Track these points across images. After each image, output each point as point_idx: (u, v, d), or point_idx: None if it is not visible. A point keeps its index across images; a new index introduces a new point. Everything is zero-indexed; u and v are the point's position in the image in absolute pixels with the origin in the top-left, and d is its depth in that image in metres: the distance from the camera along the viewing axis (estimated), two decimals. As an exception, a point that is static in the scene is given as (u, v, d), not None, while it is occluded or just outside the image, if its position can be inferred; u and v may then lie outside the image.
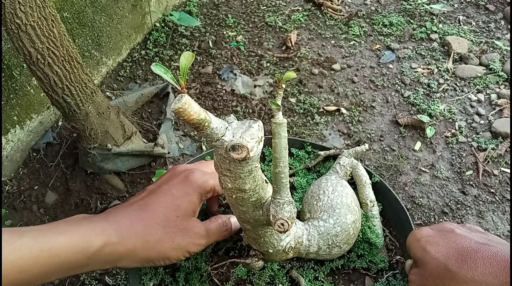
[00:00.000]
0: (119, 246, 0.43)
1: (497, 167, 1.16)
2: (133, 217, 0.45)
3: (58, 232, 0.40)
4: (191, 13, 1.65)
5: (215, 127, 0.38)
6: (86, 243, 0.40)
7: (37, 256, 0.37)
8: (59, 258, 0.38)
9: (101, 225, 0.42)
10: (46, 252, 0.37)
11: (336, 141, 1.23)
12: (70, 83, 0.86)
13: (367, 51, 1.53)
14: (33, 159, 1.15)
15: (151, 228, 0.45)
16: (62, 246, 0.39)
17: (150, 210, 0.46)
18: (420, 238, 0.50)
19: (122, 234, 0.43)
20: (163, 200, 0.47)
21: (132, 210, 0.46)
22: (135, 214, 0.45)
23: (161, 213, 0.46)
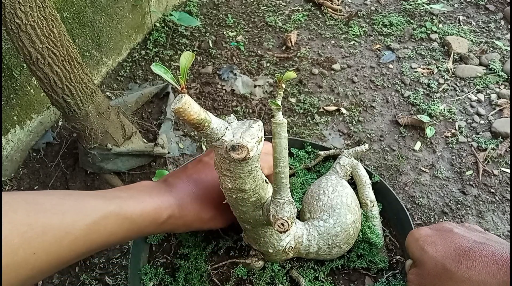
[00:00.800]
0: (180, 220, 0.49)
1: (497, 167, 1.16)
2: (192, 195, 0.50)
3: (137, 202, 0.45)
4: (191, 13, 1.65)
5: (215, 127, 0.38)
6: (157, 214, 0.46)
7: (122, 223, 0.42)
8: (136, 225, 0.44)
9: (168, 199, 0.48)
10: (128, 220, 0.43)
11: (336, 141, 1.23)
12: (70, 83, 0.86)
13: (367, 51, 1.53)
14: (33, 159, 1.15)
15: (206, 208, 0.51)
16: (140, 215, 0.44)
17: (205, 189, 0.51)
18: (418, 238, 0.50)
19: (184, 210, 0.49)
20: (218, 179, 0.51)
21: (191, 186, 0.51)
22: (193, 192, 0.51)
23: (215, 194, 0.51)
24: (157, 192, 0.48)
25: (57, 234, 0.37)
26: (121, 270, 0.95)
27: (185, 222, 0.50)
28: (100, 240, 0.41)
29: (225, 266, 0.58)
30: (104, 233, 0.41)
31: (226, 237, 0.63)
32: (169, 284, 0.58)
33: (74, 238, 0.38)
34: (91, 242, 0.40)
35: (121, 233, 0.42)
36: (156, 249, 0.64)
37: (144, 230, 0.45)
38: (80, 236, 0.38)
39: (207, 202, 0.51)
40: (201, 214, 0.51)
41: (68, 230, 0.38)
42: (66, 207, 0.39)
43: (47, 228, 0.36)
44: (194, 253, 0.60)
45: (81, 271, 0.95)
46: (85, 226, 0.39)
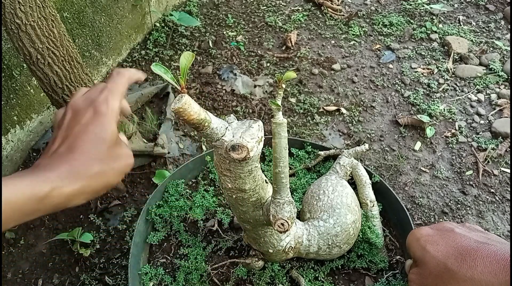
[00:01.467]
0: (66, 188, 0.46)
1: (497, 167, 1.16)
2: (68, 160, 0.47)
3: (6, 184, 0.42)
4: (191, 13, 1.65)
5: (215, 127, 0.38)
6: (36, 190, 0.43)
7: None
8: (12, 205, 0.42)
9: (43, 174, 0.45)
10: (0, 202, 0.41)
11: (336, 141, 1.23)
12: (70, 83, 0.86)
13: (367, 51, 1.53)
14: (33, 159, 1.15)
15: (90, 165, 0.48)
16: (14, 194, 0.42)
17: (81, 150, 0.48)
18: (419, 238, 0.50)
19: (66, 177, 0.46)
20: (87, 138, 0.49)
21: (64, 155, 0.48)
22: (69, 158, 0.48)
23: (92, 149, 0.49)
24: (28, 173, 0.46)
25: None
26: (121, 270, 0.95)
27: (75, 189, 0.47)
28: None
29: (225, 266, 0.58)
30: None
31: (226, 237, 0.63)
32: (169, 284, 0.58)
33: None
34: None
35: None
36: (156, 249, 0.64)
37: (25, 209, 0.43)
38: None
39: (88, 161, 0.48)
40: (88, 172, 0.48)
41: None
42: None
43: None
44: (194, 253, 0.60)
45: (81, 271, 0.95)
46: None
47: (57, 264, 0.97)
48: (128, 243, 0.99)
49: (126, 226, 1.02)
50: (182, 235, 0.63)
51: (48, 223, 1.03)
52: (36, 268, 0.97)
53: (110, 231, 1.01)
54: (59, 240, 0.99)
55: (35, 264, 0.97)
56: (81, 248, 0.95)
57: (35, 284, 0.94)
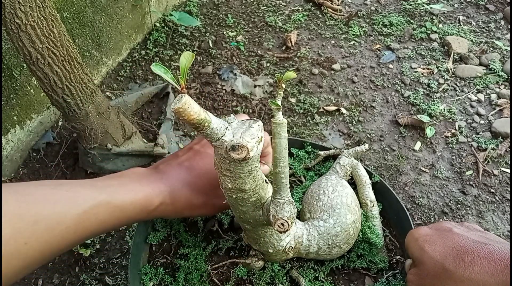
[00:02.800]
0: (170, 206, 0.49)
1: (497, 167, 1.16)
2: (183, 181, 0.51)
3: (127, 190, 0.45)
4: (191, 13, 1.65)
5: (215, 127, 0.38)
6: (148, 202, 0.47)
7: (113, 211, 0.43)
8: (127, 213, 0.45)
9: (158, 187, 0.48)
10: (119, 208, 0.44)
11: (336, 141, 1.23)
12: (70, 83, 0.86)
13: (367, 51, 1.53)
14: (33, 159, 1.15)
15: (197, 194, 0.51)
16: (130, 204, 0.45)
17: (197, 176, 0.52)
18: (417, 238, 0.50)
19: (175, 197, 0.49)
20: (209, 166, 0.52)
21: (182, 173, 0.51)
22: (185, 178, 0.51)
23: (206, 180, 0.52)
24: (147, 180, 0.49)
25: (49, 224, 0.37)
26: (121, 270, 0.95)
27: (176, 208, 0.50)
28: (91, 228, 0.41)
29: (225, 266, 0.58)
30: (95, 221, 0.41)
31: (226, 237, 0.63)
32: (169, 284, 0.58)
33: (66, 227, 0.39)
34: (82, 230, 0.41)
35: (111, 221, 0.43)
36: (156, 249, 0.64)
37: (134, 217, 0.46)
38: (72, 225, 0.39)
39: (198, 189, 0.51)
40: (192, 201, 0.51)
41: (59, 220, 0.38)
42: (57, 197, 0.39)
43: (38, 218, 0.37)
44: (194, 253, 0.60)
45: (81, 271, 0.95)
46: (76, 215, 0.40)
47: (57, 264, 0.97)
48: (128, 243, 0.99)
49: (126, 226, 1.02)
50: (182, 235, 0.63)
51: (48, 223, 1.03)
52: (36, 268, 0.97)
53: (110, 231, 1.01)
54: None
55: (35, 264, 0.98)
56: (81, 248, 0.95)
57: (35, 284, 0.94)
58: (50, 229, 0.38)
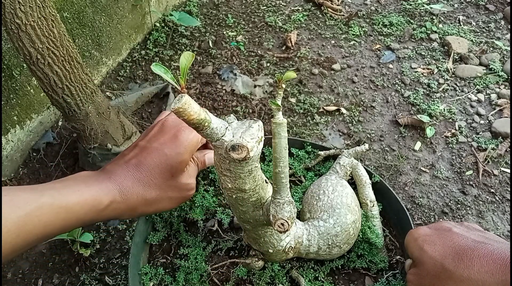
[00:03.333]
0: (122, 204, 0.49)
1: (497, 167, 1.16)
2: (133, 178, 0.50)
3: (72, 191, 0.45)
4: (191, 13, 1.65)
5: (215, 127, 0.38)
6: (96, 201, 0.46)
7: (58, 212, 0.42)
8: (74, 213, 0.44)
9: (107, 186, 0.48)
10: (64, 209, 0.43)
11: (336, 141, 1.23)
12: (70, 83, 0.86)
13: (367, 51, 1.53)
14: (33, 159, 1.15)
15: (149, 189, 0.51)
16: (77, 203, 0.44)
17: (146, 171, 0.51)
18: (417, 238, 0.50)
19: (125, 194, 0.49)
20: (157, 160, 0.51)
21: (131, 170, 0.50)
22: (134, 175, 0.50)
23: (157, 174, 0.51)
24: (94, 180, 0.48)
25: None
26: (121, 270, 0.95)
27: (129, 205, 0.49)
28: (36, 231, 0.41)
29: (225, 266, 0.58)
30: (39, 224, 0.41)
31: (226, 237, 0.63)
32: (169, 284, 0.58)
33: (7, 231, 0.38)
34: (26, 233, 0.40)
35: (58, 222, 0.43)
36: (156, 249, 0.64)
37: (83, 218, 0.45)
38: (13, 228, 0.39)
39: (149, 184, 0.51)
40: (145, 196, 0.51)
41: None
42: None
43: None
44: (194, 253, 0.60)
45: (81, 271, 0.96)
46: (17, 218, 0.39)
47: (57, 264, 0.97)
48: (128, 243, 0.99)
49: (126, 226, 1.02)
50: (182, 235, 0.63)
51: (48, 223, 1.03)
52: (36, 268, 0.97)
53: (110, 231, 1.01)
54: (59, 240, 0.99)
55: (35, 264, 0.97)
56: (81, 248, 0.95)
57: (35, 284, 0.94)
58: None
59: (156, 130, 0.54)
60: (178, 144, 0.52)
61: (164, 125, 0.54)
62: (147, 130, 0.56)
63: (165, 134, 0.53)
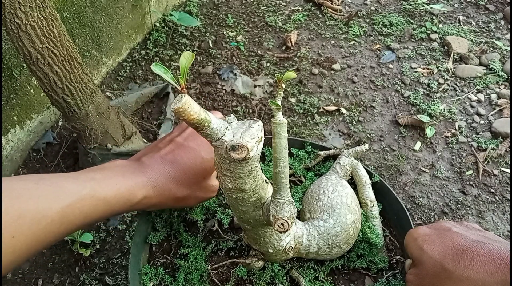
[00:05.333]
0: (154, 199, 0.50)
1: (497, 167, 1.16)
2: (167, 175, 0.51)
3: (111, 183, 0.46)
4: (191, 13, 1.65)
5: (215, 127, 0.38)
6: (131, 195, 0.47)
7: (97, 204, 0.44)
8: (111, 206, 0.46)
9: (142, 180, 0.49)
10: (102, 201, 0.44)
11: (336, 141, 1.23)
12: (70, 83, 0.86)
13: (367, 51, 1.53)
14: (33, 159, 1.15)
15: (181, 187, 0.52)
16: (114, 196, 0.46)
17: (181, 170, 0.52)
18: (417, 238, 0.50)
19: (158, 190, 0.50)
20: (193, 161, 0.53)
21: (166, 167, 0.52)
22: (169, 172, 0.51)
23: (191, 175, 0.53)
24: (131, 173, 0.49)
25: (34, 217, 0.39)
26: (121, 270, 0.95)
27: (160, 201, 0.51)
28: (76, 221, 0.43)
29: (225, 266, 0.58)
30: (80, 214, 0.43)
31: (226, 237, 0.63)
32: (169, 284, 0.58)
33: (51, 221, 0.40)
34: (67, 223, 0.42)
35: (96, 214, 0.44)
36: (156, 249, 0.64)
37: (118, 210, 0.47)
38: (56, 218, 0.40)
39: (182, 183, 0.52)
40: (176, 194, 0.52)
41: (44, 213, 0.39)
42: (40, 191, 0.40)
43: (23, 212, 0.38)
44: (194, 253, 0.60)
45: (81, 271, 0.96)
46: (61, 208, 0.41)
47: (57, 264, 0.97)
48: (128, 243, 0.99)
49: (126, 226, 1.02)
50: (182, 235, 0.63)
51: (48, 223, 1.03)
52: (36, 268, 0.97)
53: (110, 231, 1.01)
54: (59, 240, 0.99)
55: (35, 264, 0.98)
56: (81, 248, 0.95)
57: (35, 284, 0.95)
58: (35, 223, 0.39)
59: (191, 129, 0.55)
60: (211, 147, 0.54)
61: None
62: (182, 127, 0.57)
63: None
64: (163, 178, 0.51)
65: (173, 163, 0.52)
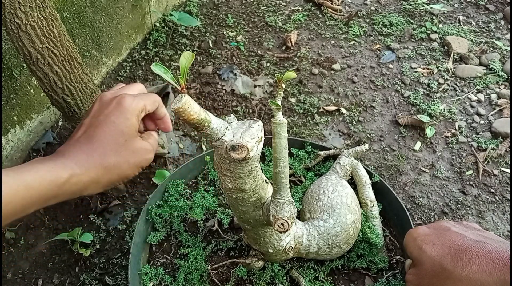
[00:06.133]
0: (83, 177, 0.48)
1: (497, 167, 1.16)
2: (87, 150, 0.50)
3: (29, 169, 0.45)
4: (191, 13, 1.65)
5: (215, 127, 0.38)
6: (54, 176, 0.45)
7: (17, 190, 0.42)
8: (34, 190, 0.44)
9: (62, 162, 0.47)
10: (23, 186, 0.42)
11: (336, 141, 1.23)
12: (70, 83, 0.86)
13: (367, 51, 1.53)
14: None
15: (106, 156, 0.51)
16: (35, 180, 0.44)
17: (98, 141, 0.51)
18: (416, 237, 0.50)
19: (84, 165, 0.48)
20: (107, 129, 0.52)
21: (83, 144, 0.51)
22: (88, 147, 0.50)
23: (110, 141, 0.51)
24: (49, 159, 0.48)
25: None
26: (121, 270, 0.95)
27: (91, 177, 0.49)
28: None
29: (225, 266, 0.58)
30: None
31: (226, 237, 0.63)
32: (169, 284, 0.58)
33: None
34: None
35: (18, 200, 0.42)
36: (156, 249, 0.64)
37: (45, 194, 0.45)
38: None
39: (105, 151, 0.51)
40: (103, 163, 0.50)
41: None
42: None
43: None
44: (194, 253, 0.60)
45: (81, 271, 0.96)
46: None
47: (57, 264, 0.97)
48: (128, 243, 0.99)
49: (126, 226, 1.02)
50: (182, 235, 0.63)
51: (48, 223, 1.03)
52: (36, 268, 0.97)
53: (110, 231, 1.01)
54: (59, 240, 0.99)
55: (35, 264, 0.98)
56: (81, 248, 0.95)
57: (35, 284, 0.95)
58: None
59: (97, 105, 0.55)
60: (123, 110, 0.53)
61: (103, 99, 0.56)
62: (88, 110, 0.57)
63: (107, 105, 0.54)
64: (83, 154, 0.50)
65: (88, 139, 0.51)
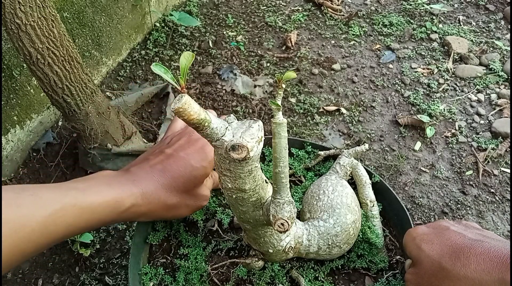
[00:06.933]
0: (143, 208, 0.49)
1: (497, 167, 1.16)
2: (157, 183, 0.51)
3: (94, 192, 0.45)
4: (191, 13, 1.65)
5: (215, 127, 0.38)
6: (118, 203, 0.46)
7: (80, 213, 0.43)
8: (96, 214, 0.44)
9: (129, 188, 0.48)
10: (87, 210, 0.43)
11: (336, 141, 1.23)
12: (70, 83, 0.86)
13: (367, 51, 1.53)
14: (33, 159, 1.15)
15: (171, 195, 0.52)
16: (99, 205, 0.44)
17: (171, 178, 0.52)
18: (415, 237, 0.50)
19: (147, 198, 0.49)
20: (183, 169, 0.52)
21: (156, 175, 0.51)
22: (158, 180, 0.51)
23: (181, 183, 0.52)
24: (117, 182, 0.48)
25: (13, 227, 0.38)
26: (121, 270, 0.95)
27: (150, 210, 0.50)
28: (59, 230, 0.42)
29: (225, 266, 0.58)
30: (62, 224, 0.42)
31: (226, 237, 0.63)
32: (169, 284, 0.58)
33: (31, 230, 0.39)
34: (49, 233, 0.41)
35: (81, 223, 0.43)
36: (156, 249, 0.64)
37: (105, 219, 0.46)
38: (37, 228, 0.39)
39: (172, 190, 0.52)
40: (167, 202, 0.51)
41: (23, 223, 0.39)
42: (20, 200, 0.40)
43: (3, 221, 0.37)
44: (194, 253, 0.60)
45: (81, 271, 0.96)
46: (42, 218, 0.40)
47: (57, 264, 0.97)
48: (128, 243, 0.99)
49: (126, 226, 1.02)
50: (182, 235, 0.63)
51: (48, 223, 1.03)
52: (36, 268, 0.97)
53: (110, 231, 1.01)
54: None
55: (35, 264, 0.98)
56: (81, 248, 0.95)
57: (35, 284, 0.95)
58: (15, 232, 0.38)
59: (183, 140, 0.56)
60: (204, 157, 0.54)
61: (191, 137, 0.56)
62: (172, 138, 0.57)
63: (192, 145, 0.55)
64: (152, 186, 0.50)
65: (162, 172, 0.52)
